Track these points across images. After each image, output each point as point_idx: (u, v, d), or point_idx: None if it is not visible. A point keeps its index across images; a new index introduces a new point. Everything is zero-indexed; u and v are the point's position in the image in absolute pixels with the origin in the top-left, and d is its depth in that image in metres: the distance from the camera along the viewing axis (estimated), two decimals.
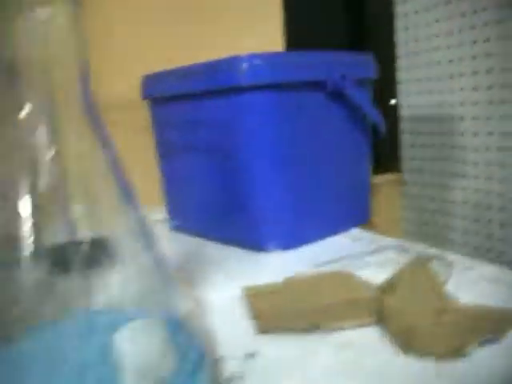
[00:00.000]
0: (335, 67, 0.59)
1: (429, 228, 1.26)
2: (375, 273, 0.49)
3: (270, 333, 0.40)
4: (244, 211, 0.60)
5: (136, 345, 0.27)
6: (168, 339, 0.28)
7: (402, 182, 1.32)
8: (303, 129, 0.59)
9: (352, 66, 0.63)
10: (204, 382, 0.30)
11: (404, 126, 1.28)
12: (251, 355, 0.37)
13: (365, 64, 0.66)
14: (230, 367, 0.36)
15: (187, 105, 0.63)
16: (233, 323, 0.42)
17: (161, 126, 0.70)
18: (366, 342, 0.38)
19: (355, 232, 0.66)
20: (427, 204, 1.25)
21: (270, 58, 0.56)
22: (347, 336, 0.39)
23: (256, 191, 0.59)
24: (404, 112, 1.27)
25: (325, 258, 0.55)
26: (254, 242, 0.60)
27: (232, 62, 0.57)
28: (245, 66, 0.56)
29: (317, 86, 0.59)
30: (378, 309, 0.40)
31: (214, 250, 0.63)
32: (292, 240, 0.61)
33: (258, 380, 0.34)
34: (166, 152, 0.70)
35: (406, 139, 1.29)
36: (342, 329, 0.39)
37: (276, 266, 0.56)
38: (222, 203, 0.63)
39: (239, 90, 0.57)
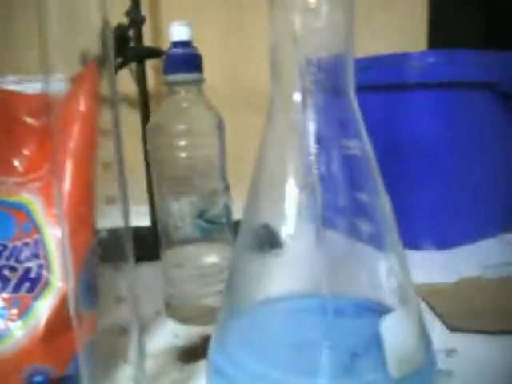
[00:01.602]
0: (509, 68, 0.58)
1: None
2: None
3: (460, 332, 0.40)
4: (400, 208, 0.60)
5: (399, 332, 0.27)
6: (421, 330, 0.29)
7: None
8: (468, 129, 0.59)
9: None
10: (436, 380, 0.31)
11: None
12: (451, 351, 0.37)
13: None
14: None
15: None
16: None
17: None
18: None
19: (506, 237, 0.65)
20: None
21: (442, 55, 0.56)
22: None
23: (414, 189, 0.59)
24: None
25: (489, 261, 0.55)
26: (409, 240, 0.60)
27: (402, 59, 0.56)
28: (415, 62, 0.55)
29: (487, 86, 0.58)
30: None
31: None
32: (446, 240, 0.60)
33: (465, 377, 0.34)
34: None
35: None
36: None
37: (437, 265, 0.55)
38: None
39: (407, 86, 0.56)
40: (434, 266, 0.55)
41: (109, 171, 0.26)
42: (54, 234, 0.31)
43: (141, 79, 0.65)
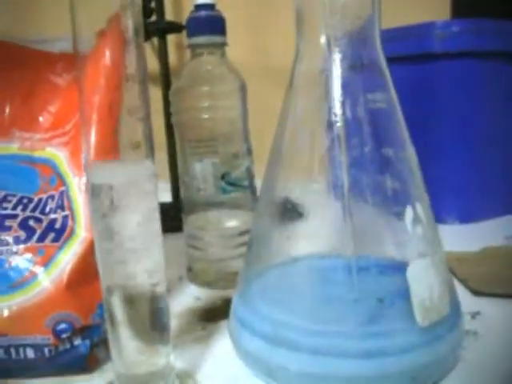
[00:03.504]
0: None
1: None
2: None
3: (484, 296, 0.40)
4: (426, 181, 0.59)
5: (425, 279, 0.27)
6: (446, 279, 0.29)
7: None
8: (495, 101, 0.58)
9: None
10: (462, 331, 0.30)
11: None
12: (476, 314, 0.37)
13: None
14: None
15: None
16: None
17: None
18: None
19: None
20: None
21: (467, 24, 0.55)
22: None
23: (441, 162, 0.58)
24: None
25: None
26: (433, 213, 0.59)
27: (427, 28, 0.56)
28: (440, 32, 0.55)
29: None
30: None
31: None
32: (471, 215, 0.60)
33: (490, 338, 0.34)
34: None
35: None
36: None
37: (461, 237, 0.55)
38: None
39: (433, 56, 0.56)
40: (457, 238, 0.55)
41: (133, 116, 0.26)
42: (79, 185, 0.32)
43: (162, 54, 0.65)
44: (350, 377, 0.26)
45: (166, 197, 0.67)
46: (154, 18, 0.64)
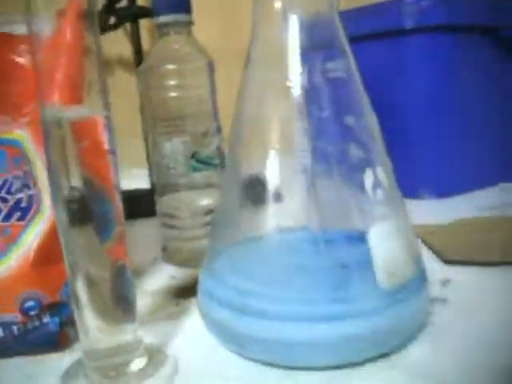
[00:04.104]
0: (509, 13, 0.57)
1: None
2: None
3: (455, 264, 0.40)
4: (400, 158, 0.60)
5: (387, 242, 0.27)
6: (409, 243, 0.29)
7: None
8: (468, 76, 0.58)
9: None
10: (426, 295, 0.31)
11: None
12: (446, 281, 0.37)
13: None
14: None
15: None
16: None
17: None
18: None
19: (506, 186, 0.64)
20: None
21: None
22: None
23: (414, 138, 0.58)
24: None
25: (486, 204, 0.54)
26: (409, 189, 0.60)
27: (397, 4, 0.56)
28: (410, 7, 0.55)
29: (487, 30, 0.57)
30: None
31: None
32: (446, 189, 0.60)
33: (459, 304, 0.34)
34: None
35: None
36: None
37: (437, 212, 0.55)
38: None
39: (405, 32, 0.56)
40: (433, 212, 0.55)
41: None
42: (43, 164, 0.31)
43: (135, 39, 0.65)
44: (314, 342, 0.26)
45: (144, 184, 0.67)
46: (125, 3, 0.64)
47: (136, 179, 0.63)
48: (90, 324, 0.25)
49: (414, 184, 0.60)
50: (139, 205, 0.51)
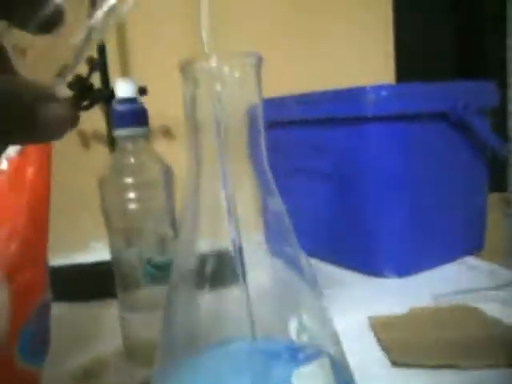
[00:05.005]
0: (459, 97, 0.60)
1: None
2: (501, 309, 0.49)
3: (402, 366, 0.42)
4: (362, 236, 0.62)
5: None
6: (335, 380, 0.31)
7: (508, 202, 1.27)
8: (424, 159, 0.60)
9: (474, 95, 0.63)
10: None
11: None
12: None
13: (487, 92, 0.66)
14: None
15: (308, 131, 0.66)
16: (363, 353, 0.43)
17: (273, 150, 0.73)
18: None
19: (470, 260, 0.66)
20: None
21: (396, 89, 0.58)
22: (481, 376, 0.39)
23: (375, 217, 0.60)
24: None
25: (444, 289, 0.56)
26: (371, 267, 0.62)
27: (358, 92, 0.58)
28: (371, 96, 0.57)
29: (440, 116, 0.60)
30: None
31: (329, 272, 0.65)
32: (408, 267, 0.62)
33: None
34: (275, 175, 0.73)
35: None
36: (478, 368, 0.40)
37: (395, 293, 0.57)
38: (338, 227, 0.65)
39: (364, 120, 0.58)
40: (389, 296, 0.57)
41: None
42: None
43: (109, 119, 0.68)
44: None
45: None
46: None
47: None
48: None
49: (377, 262, 0.62)
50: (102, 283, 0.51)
